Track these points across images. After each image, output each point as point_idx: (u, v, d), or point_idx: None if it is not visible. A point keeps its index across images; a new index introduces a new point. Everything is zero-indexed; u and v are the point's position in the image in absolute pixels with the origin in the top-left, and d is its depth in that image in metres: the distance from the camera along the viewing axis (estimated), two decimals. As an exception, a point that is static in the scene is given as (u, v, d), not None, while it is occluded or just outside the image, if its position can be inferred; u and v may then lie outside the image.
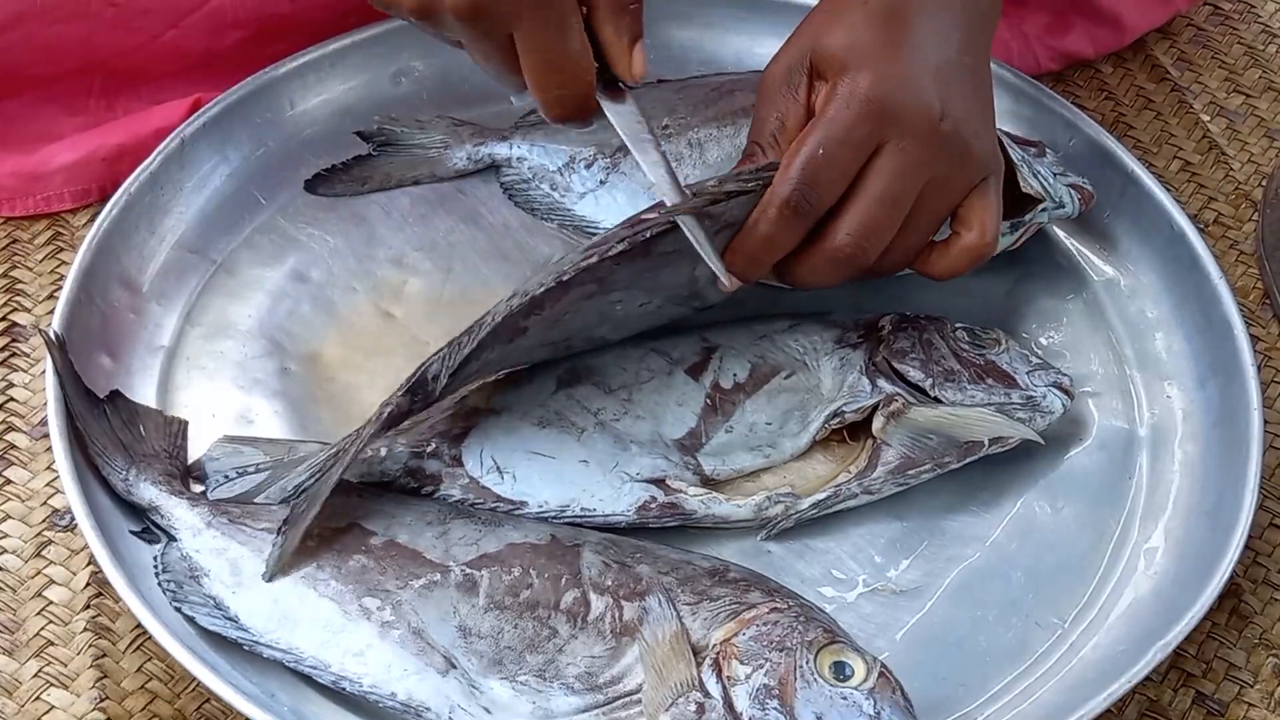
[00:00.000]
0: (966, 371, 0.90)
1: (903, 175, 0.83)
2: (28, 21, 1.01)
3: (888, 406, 0.88)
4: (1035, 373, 0.91)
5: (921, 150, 0.83)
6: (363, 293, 0.98)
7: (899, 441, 0.88)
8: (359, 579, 0.80)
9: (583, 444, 0.87)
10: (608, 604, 0.78)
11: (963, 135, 0.84)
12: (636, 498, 0.86)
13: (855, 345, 0.91)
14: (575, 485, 0.86)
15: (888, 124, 0.82)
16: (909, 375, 0.89)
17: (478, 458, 0.87)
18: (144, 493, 0.84)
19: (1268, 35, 1.21)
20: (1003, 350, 0.92)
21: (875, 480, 0.87)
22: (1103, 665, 0.82)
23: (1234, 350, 0.93)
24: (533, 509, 0.85)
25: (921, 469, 0.88)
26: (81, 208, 1.03)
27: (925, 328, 0.92)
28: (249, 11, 1.04)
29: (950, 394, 0.89)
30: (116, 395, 0.88)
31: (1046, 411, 0.90)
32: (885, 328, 0.92)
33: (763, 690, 0.74)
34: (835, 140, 0.82)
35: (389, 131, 1.04)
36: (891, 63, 0.83)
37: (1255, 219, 1.08)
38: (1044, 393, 0.90)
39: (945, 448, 0.88)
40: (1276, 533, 0.93)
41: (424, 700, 0.77)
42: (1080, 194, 0.99)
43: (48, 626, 0.85)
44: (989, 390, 0.89)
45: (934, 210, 0.86)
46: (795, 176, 0.81)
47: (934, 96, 0.83)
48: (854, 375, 0.90)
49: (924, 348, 0.91)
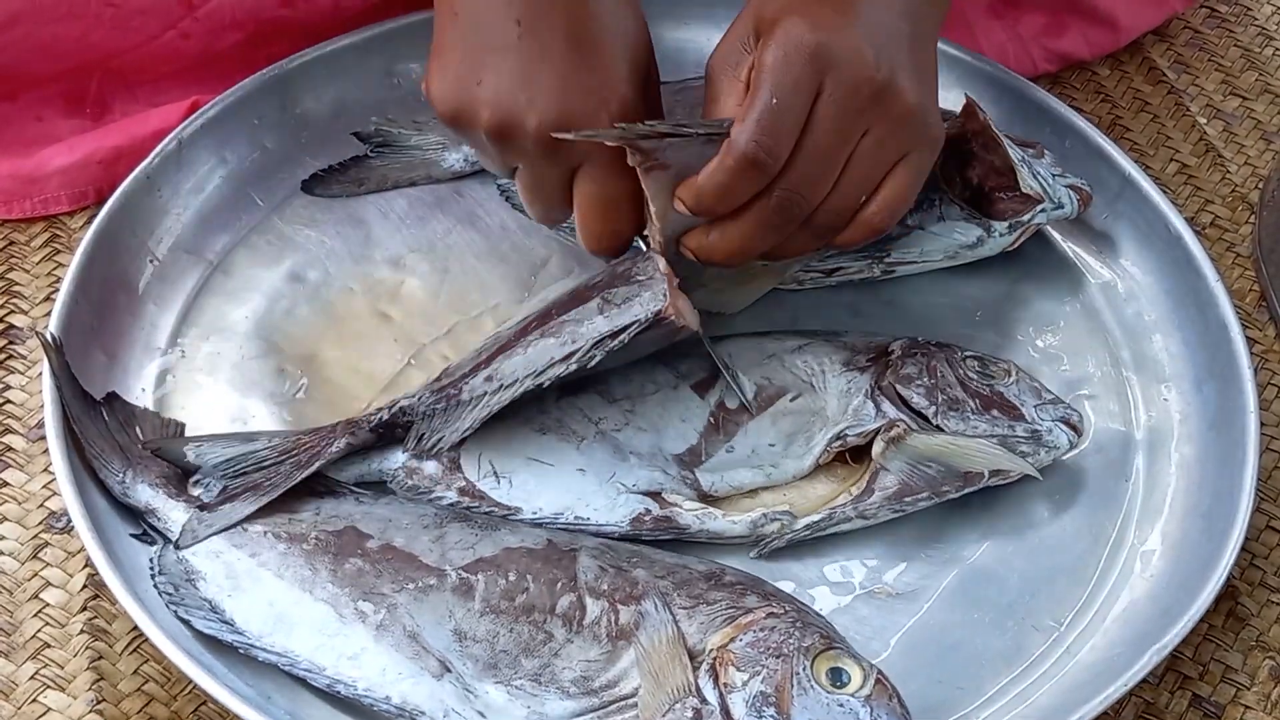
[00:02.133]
0: (972, 401, 0.89)
1: (840, 123, 0.82)
2: (25, 20, 1.01)
3: (888, 432, 0.87)
4: (1044, 407, 0.90)
5: (856, 96, 0.82)
6: (360, 294, 0.98)
7: (897, 468, 0.87)
8: (354, 582, 0.80)
9: (581, 452, 0.87)
10: (603, 608, 0.78)
11: (898, 88, 0.83)
12: (631, 509, 0.86)
13: (863, 369, 0.91)
14: (571, 493, 0.86)
15: (825, 66, 0.81)
16: (913, 401, 0.89)
17: (476, 461, 0.87)
18: (140, 495, 0.84)
19: (1264, 38, 1.21)
20: (1012, 382, 0.91)
21: (871, 505, 0.87)
22: (1099, 668, 0.82)
23: (1231, 353, 0.92)
24: (527, 515, 0.85)
25: (919, 497, 0.87)
26: (78, 210, 1.03)
27: (934, 354, 0.91)
28: (247, 13, 1.04)
29: (953, 423, 0.88)
30: (113, 397, 0.88)
31: (1051, 447, 0.89)
32: (895, 352, 0.91)
33: (759, 698, 0.73)
34: (784, 88, 0.81)
35: (386, 133, 1.04)
36: (826, 11, 0.82)
37: (1252, 221, 1.08)
38: (1050, 427, 0.89)
39: (944, 477, 0.87)
40: (1273, 535, 0.93)
41: (419, 704, 0.77)
42: (1079, 194, 0.99)
43: (44, 629, 0.85)
44: (993, 421, 0.89)
45: (865, 169, 0.84)
46: (752, 128, 0.81)
47: (868, 46, 0.82)
48: (859, 399, 0.89)
49: (931, 374, 0.90)
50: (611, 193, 0.87)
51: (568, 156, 0.86)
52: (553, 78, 0.84)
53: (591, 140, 0.83)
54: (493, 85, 0.84)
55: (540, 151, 0.85)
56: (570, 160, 0.86)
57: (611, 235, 0.89)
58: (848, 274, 0.98)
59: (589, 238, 0.89)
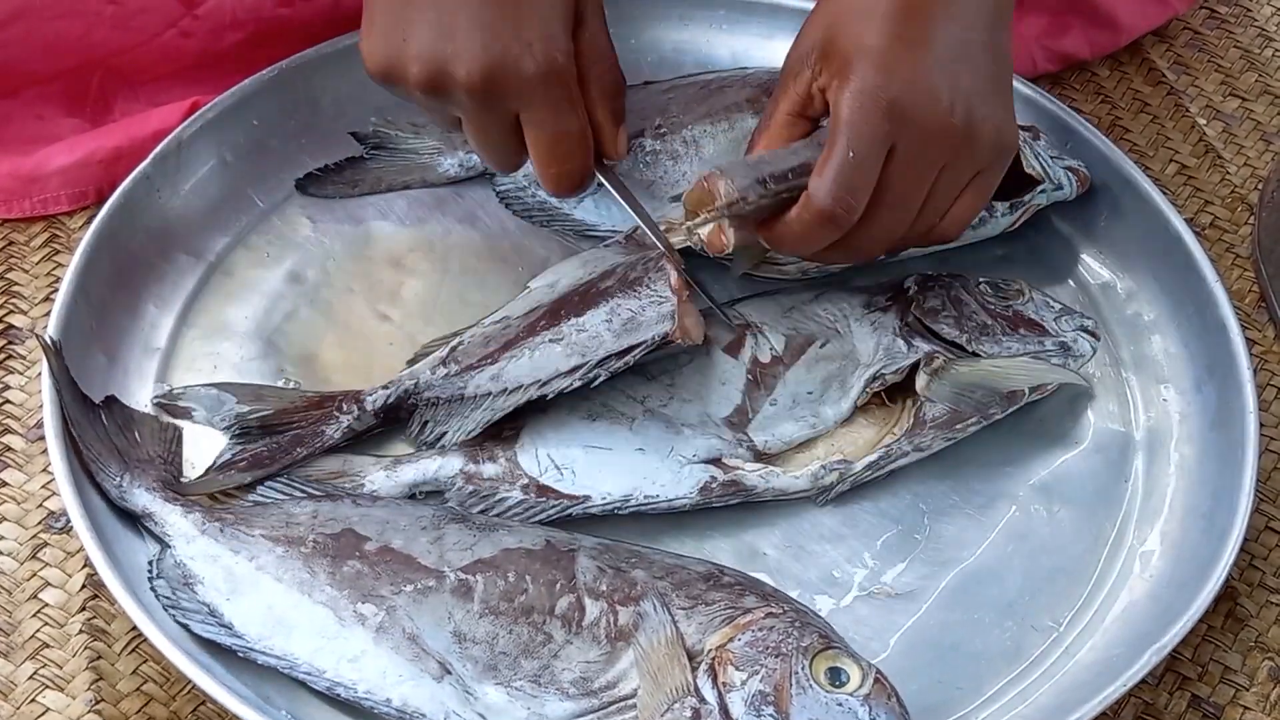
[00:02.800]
0: (998, 324, 0.92)
1: (918, 176, 0.83)
2: (27, 17, 1.01)
3: (930, 364, 0.89)
4: (1061, 318, 0.93)
5: (932, 148, 0.83)
6: (359, 294, 0.98)
7: (943, 397, 0.89)
8: (353, 585, 0.80)
9: (635, 432, 0.87)
10: (602, 609, 0.78)
11: (973, 125, 0.83)
12: (697, 479, 0.86)
13: (884, 309, 0.93)
14: (636, 474, 0.86)
15: (900, 120, 0.82)
16: (944, 333, 0.91)
17: (534, 457, 0.87)
18: (137, 499, 0.84)
19: (1264, 39, 1.21)
20: (1027, 300, 0.94)
21: (925, 438, 0.89)
22: (1098, 668, 0.82)
23: (1230, 353, 0.93)
24: (596, 502, 0.86)
25: (968, 422, 0.90)
26: (78, 210, 1.03)
27: (951, 285, 0.94)
28: (247, 12, 1.04)
29: (987, 347, 0.91)
30: (112, 400, 0.88)
31: (1078, 355, 0.93)
32: (911, 288, 0.93)
33: (758, 697, 0.74)
34: (861, 142, 0.81)
35: (384, 134, 1.04)
36: (901, 59, 0.82)
37: (1251, 222, 1.08)
38: (1074, 337, 0.93)
39: (989, 399, 0.90)
40: (1272, 536, 0.93)
41: (419, 706, 0.77)
42: (1076, 175, 0.99)
43: (43, 629, 0.85)
44: (1023, 340, 0.92)
45: (939, 201, 0.86)
46: (830, 184, 0.81)
47: (943, 86, 0.82)
48: (889, 337, 0.91)
49: (954, 305, 0.92)
50: (559, 131, 0.87)
51: (504, 101, 0.85)
52: (473, 26, 0.83)
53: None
54: (417, 40, 0.84)
55: (474, 102, 0.85)
56: (508, 105, 0.85)
57: (568, 175, 0.89)
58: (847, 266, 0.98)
59: (547, 180, 0.89)
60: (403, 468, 0.87)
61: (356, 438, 0.89)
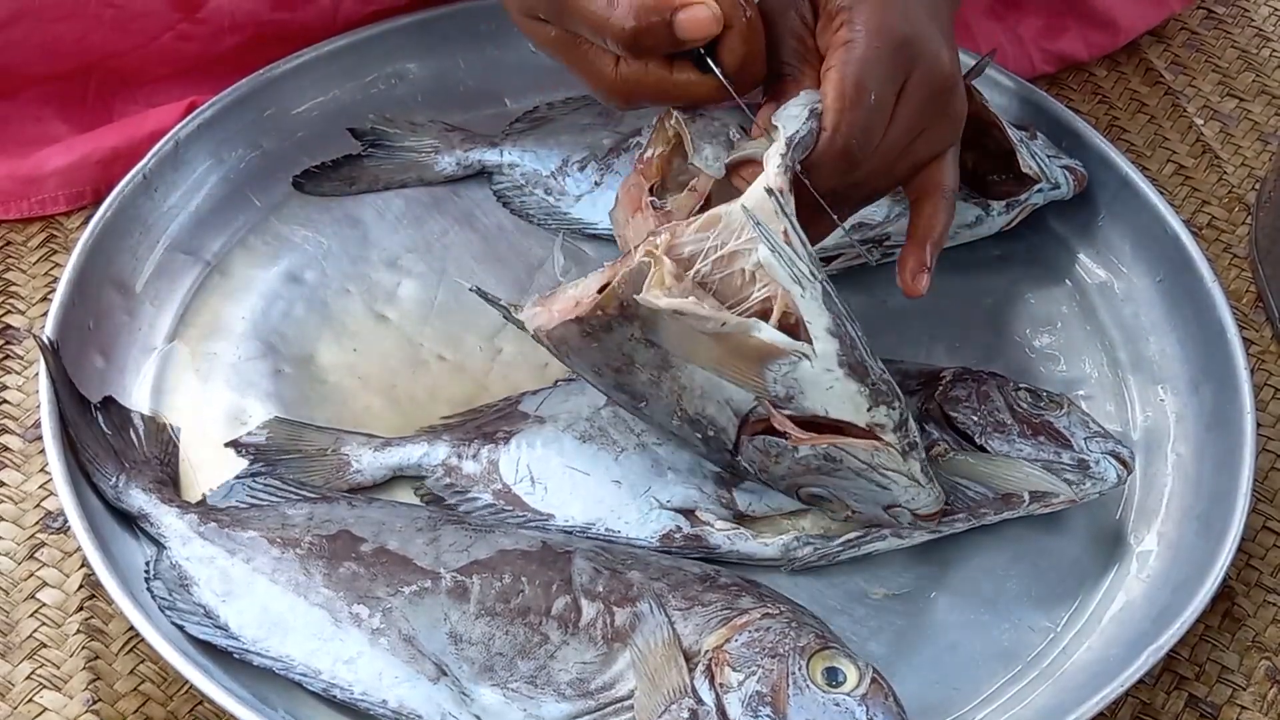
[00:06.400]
0: (1017, 426, 0.88)
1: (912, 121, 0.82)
2: (26, 19, 1.01)
3: (930, 449, 0.86)
4: (1093, 439, 0.88)
5: (933, 97, 0.82)
6: (356, 294, 0.98)
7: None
8: (349, 586, 0.80)
9: (619, 463, 0.87)
10: (599, 610, 0.78)
11: (959, 87, 0.83)
12: (662, 525, 0.85)
13: (913, 392, 0.89)
14: (603, 505, 0.86)
15: (912, 62, 0.81)
16: (957, 421, 0.88)
17: (514, 465, 0.87)
18: (134, 500, 0.84)
19: (1261, 39, 1.21)
20: (1063, 414, 0.89)
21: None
22: (1095, 668, 0.82)
23: (1227, 354, 0.93)
24: (558, 522, 0.85)
25: (955, 519, 0.86)
26: (75, 210, 1.03)
27: (985, 381, 0.90)
28: (246, 16, 1.04)
29: (997, 444, 0.87)
30: (109, 401, 0.88)
31: (1098, 478, 0.87)
32: (946, 378, 0.90)
33: (755, 697, 0.74)
34: (879, 80, 0.80)
35: (381, 132, 1.04)
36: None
37: (1248, 222, 1.08)
38: (1098, 459, 0.87)
39: (983, 500, 0.86)
40: (1269, 536, 0.93)
41: (415, 708, 0.77)
42: (1074, 175, 0.99)
43: (41, 629, 0.85)
44: (1039, 446, 0.87)
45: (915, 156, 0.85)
46: (849, 124, 0.80)
47: (944, 41, 0.82)
48: None
49: (979, 398, 0.89)
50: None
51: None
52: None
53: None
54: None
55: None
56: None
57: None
58: (847, 259, 0.97)
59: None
60: (391, 449, 0.88)
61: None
